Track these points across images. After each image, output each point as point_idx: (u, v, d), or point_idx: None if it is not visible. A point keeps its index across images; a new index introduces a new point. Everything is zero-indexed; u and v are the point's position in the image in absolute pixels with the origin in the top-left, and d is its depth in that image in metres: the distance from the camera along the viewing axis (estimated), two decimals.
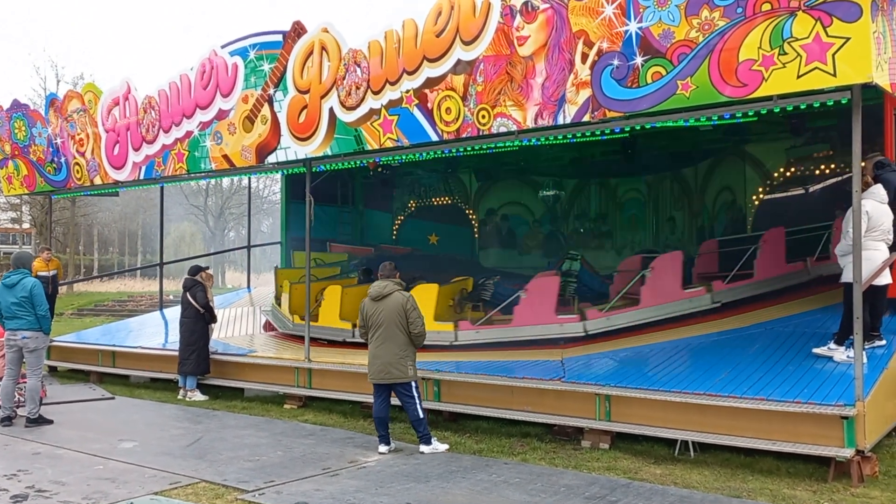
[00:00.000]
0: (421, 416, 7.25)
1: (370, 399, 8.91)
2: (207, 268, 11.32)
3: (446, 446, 7.34)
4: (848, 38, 5.49)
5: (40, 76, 47.09)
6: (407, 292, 7.42)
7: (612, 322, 9.39)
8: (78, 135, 12.15)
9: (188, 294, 10.61)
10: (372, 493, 5.98)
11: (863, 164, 6.51)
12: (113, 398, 10.55)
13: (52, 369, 13.08)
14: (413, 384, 7.26)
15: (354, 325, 9.79)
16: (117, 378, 12.06)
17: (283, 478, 6.43)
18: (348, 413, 9.16)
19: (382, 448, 7.28)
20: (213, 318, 10.94)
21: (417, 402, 7.24)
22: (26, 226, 41.53)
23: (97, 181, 12.05)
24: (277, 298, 13.04)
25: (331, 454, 7.25)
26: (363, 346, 7.74)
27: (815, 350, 7.36)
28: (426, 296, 10.03)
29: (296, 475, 6.50)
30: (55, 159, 12.65)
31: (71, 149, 12.31)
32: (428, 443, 7.24)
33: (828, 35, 5.56)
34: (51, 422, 8.75)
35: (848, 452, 5.95)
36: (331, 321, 11.00)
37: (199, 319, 10.54)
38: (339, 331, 10.84)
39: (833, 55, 5.55)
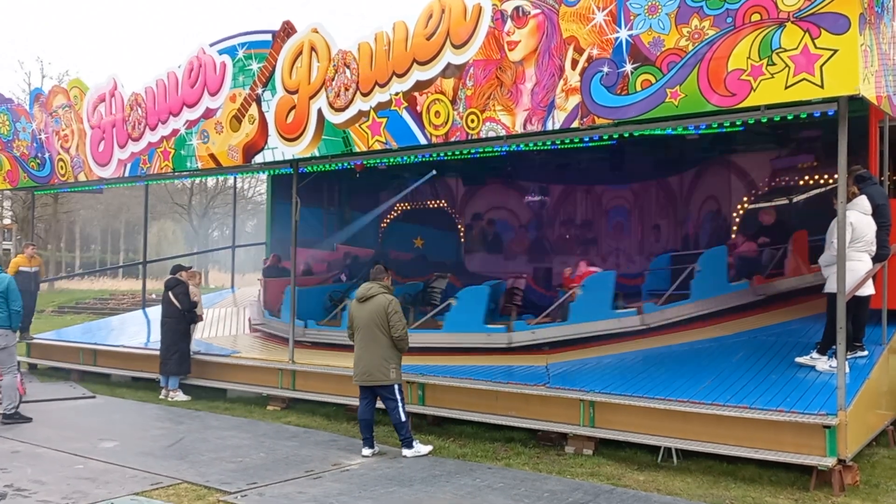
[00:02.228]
0: (403, 419, 7.22)
1: (354, 402, 8.88)
2: (190, 267, 11.24)
3: (430, 447, 7.32)
4: (836, 51, 5.55)
5: (25, 71, 46.65)
6: (391, 295, 7.40)
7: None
8: (63, 131, 12.04)
9: (171, 293, 10.53)
10: (355, 496, 5.95)
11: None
12: (94, 397, 10.44)
13: (32, 367, 12.94)
14: (396, 387, 7.23)
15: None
16: (98, 377, 11.93)
17: (266, 480, 6.38)
18: (332, 415, 9.12)
19: (366, 451, 7.25)
20: (199, 318, 10.86)
21: (400, 405, 7.21)
22: (7, 221, 41.10)
23: (81, 178, 11.95)
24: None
25: (314, 456, 7.21)
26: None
27: (798, 359, 7.42)
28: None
29: (278, 477, 6.46)
30: (39, 155, 12.52)
31: (55, 145, 12.20)
32: (410, 447, 7.22)
33: (816, 47, 5.62)
34: (29, 419, 8.65)
35: (830, 461, 5.99)
36: None
37: (181, 319, 10.46)
38: None
39: (821, 67, 5.60)
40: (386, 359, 7.19)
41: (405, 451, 7.20)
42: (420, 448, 7.25)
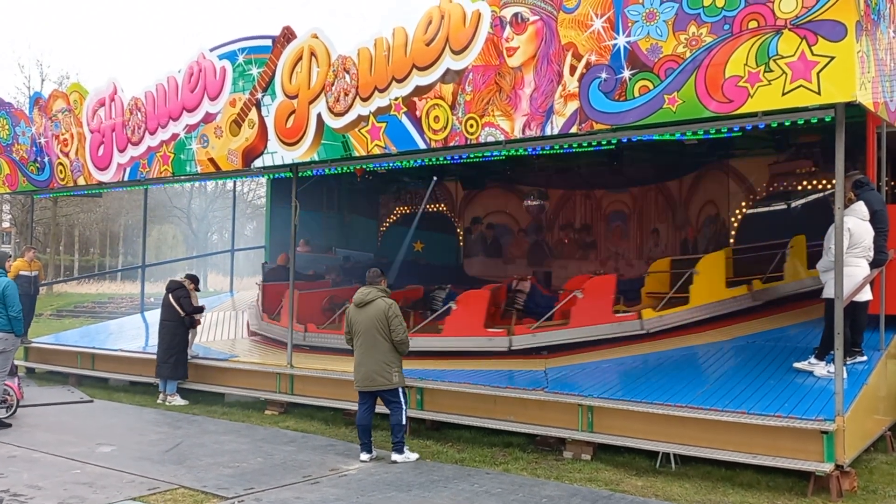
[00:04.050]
0: (403, 422, 7.23)
1: (352, 406, 8.89)
2: (197, 280, 11.17)
3: (417, 455, 7.33)
4: (833, 57, 5.57)
5: (24, 74, 46.63)
6: (390, 299, 7.41)
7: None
8: (62, 135, 12.05)
9: (171, 297, 10.53)
10: (353, 501, 5.95)
11: None
12: (91, 401, 10.43)
13: (30, 371, 12.93)
14: (400, 390, 7.27)
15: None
16: (96, 381, 11.93)
17: (263, 485, 6.38)
18: (330, 420, 9.12)
19: (364, 456, 7.25)
20: (197, 322, 10.85)
21: (404, 407, 7.25)
22: (6, 225, 41.10)
23: (81, 182, 11.95)
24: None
25: (312, 461, 7.21)
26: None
27: (796, 364, 7.42)
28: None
29: (276, 482, 6.46)
30: (38, 159, 12.53)
31: (55, 149, 12.20)
32: (401, 451, 7.22)
33: (813, 54, 5.64)
34: (8, 425, 8.59)
35: (827, 467, 6.00)
36: None
37: (179, 323, 10.46)
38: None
39: (818, 73, 5.62)
40: (388, 363, 7.20)
41: (395, 456, 7.19)
42: (409, 455, 7.26)
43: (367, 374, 7.20)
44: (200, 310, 10.52)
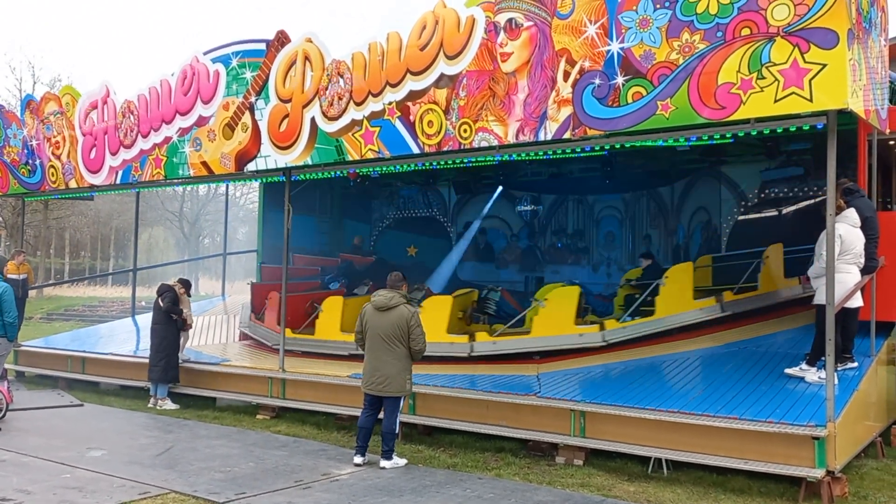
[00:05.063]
0: (396, 430, 7.23)
1: (344, 411, 8.89)
2: (190, 285, 11.13)
3: (405, 460, 7.31)
4: (825, 65, 5.61)
5: (16, 76, 46.41)
6: (412, 306, 7.37)
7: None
8: (54, 137, 12.01)
9: (160, 300, 10.50)
10: None
11: None
12: (82, 405, 10.37)
13: (20, 375, 12.84)
14: (402, 398, 7.26)
15: None
16: (87, 385, 11.85)
17: (255, 490, 6.35)
18: (322, 425, 9.09)
19: (358, 459, 7.23)
20: (187, 325, 10.79)
21: (399, 416, 7.26)
22: None
23: (72, 184, 11.91)
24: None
25: (304, 466, 7.19)
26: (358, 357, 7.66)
27: (788, 370, 7.46)
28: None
29: (268, 487, 6.43)
30: (30, 161, 12.48)
31: (46, 151, 12.16)
32: (390, 458, 7.20)
33: (805, 61, 5.68)
34: None
35: (818, 473, 6.02)
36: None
37: (170, 326, 10.42)
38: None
39: (810, 81, 5.66)
40: (406, 370, 7.20)
41: (384, 462, 7.16)
42: (398, 461, 7.24)
43: (383, 378, 7.14)
44: (179, 312, 10.44)
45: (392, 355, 7.15)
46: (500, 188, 15.15)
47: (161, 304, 10.41)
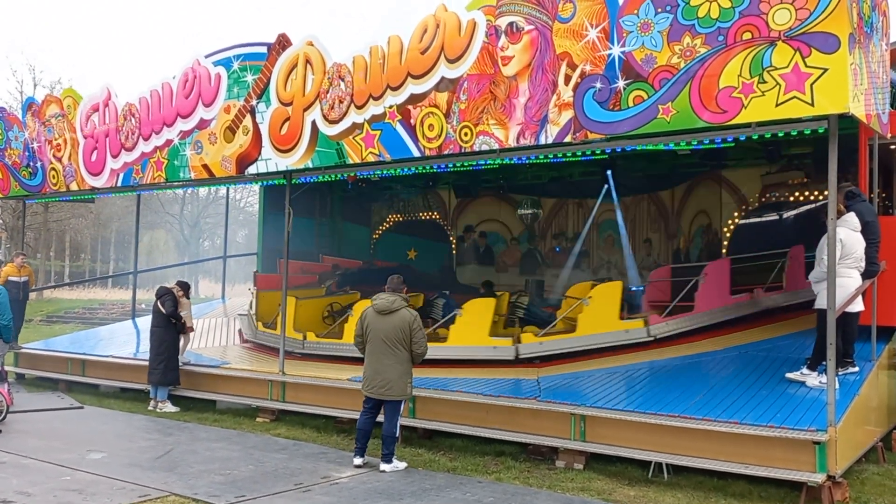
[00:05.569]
0: (396, 434, 7.23)
1: (344, 414, 8.88)
2: (189, 287, 11.12)
3: (405, 464, 7.30)
4: (826, 69, 5.61)
5: (17, 79, 46.49)
6: (414, 310, 7.38)
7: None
8: (55, 140, 12.02)
9: (159, 302, 10.49)
10: None
11: None
12: (82, 408, 10.36)
13: (20, 377, 12.83)
14: (403, 402, 7.26)
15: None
16: (87, 387, 11.84)
17: (255, 493, 6.35)
18: (321, 428, 9.08)
19: (357, 460, 7.23)
20: (188, 328, 10.78)
21: (399, 419, 7.25)
22: None
23: (73, 187, 11.91)
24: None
25: (303, 469, 7.18)
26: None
27: (789, 375, 7.45)
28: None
29: (267, 490, 6.43)
30: (31, 164, 12.48)
31: (48, 154, 12.16)
32: (390, 462, 7.19)
33: (806, 65, 5.68)
34: None
35: (819, 478, 6.01)
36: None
37: (169, 329, 10.41)
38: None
39: (811, 85, 5.66)
40: (407, 373, 7.21)
41: (384, 466, 7.15)
42: (398, 464, 7.23)
43: (384, 382, 7.14)
44: (178, 317, 10.43)
45: (394, 359, 7.14)
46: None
47: (161, 307, 10.40)
